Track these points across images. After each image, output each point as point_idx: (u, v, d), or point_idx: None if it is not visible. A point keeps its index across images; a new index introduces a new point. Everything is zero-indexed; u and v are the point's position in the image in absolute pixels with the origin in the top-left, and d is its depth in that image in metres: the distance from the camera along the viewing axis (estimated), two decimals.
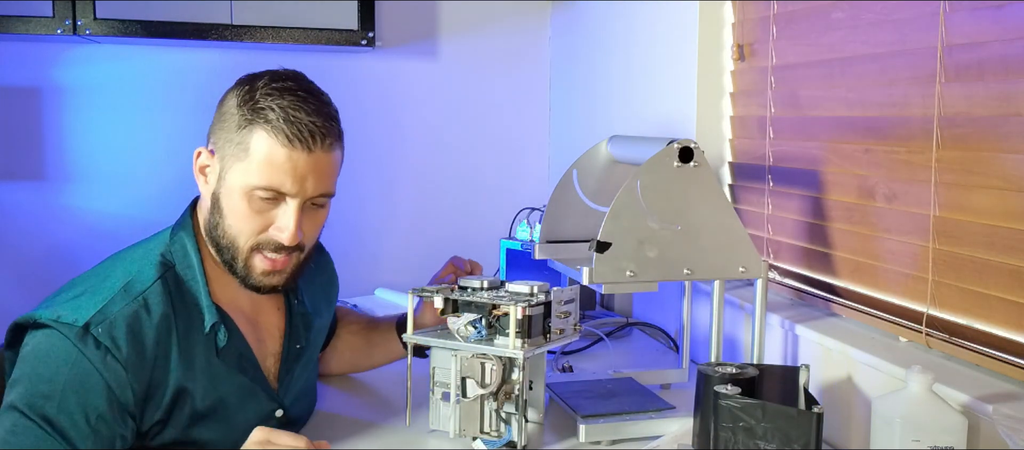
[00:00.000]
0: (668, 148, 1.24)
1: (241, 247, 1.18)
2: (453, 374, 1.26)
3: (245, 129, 1.14)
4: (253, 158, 1.14)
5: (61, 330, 1.09)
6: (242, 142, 1.14)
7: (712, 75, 1.79)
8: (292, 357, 1.31)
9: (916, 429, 1.05)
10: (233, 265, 1.19)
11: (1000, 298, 1.15)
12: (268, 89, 1.15)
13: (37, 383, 1.07)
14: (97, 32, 2.05)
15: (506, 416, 1.27)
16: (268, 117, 1.13)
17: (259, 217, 1.17)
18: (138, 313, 1.12)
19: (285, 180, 1.14)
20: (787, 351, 1.49)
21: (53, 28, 2.03)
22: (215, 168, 1.18)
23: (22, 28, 2.02)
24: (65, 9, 2.03)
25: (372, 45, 2.23)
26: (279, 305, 1.32)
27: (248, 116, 1.14)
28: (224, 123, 1.17)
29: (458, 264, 1.45)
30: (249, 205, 1.16)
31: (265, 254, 1.18)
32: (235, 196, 1.16)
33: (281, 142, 1.13)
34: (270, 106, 1.14)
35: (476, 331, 1.27)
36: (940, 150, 1.23)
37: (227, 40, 2.11)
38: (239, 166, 1.15)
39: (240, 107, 1.15)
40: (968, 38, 1.19)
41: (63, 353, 1.08)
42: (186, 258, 1.20)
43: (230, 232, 1.17)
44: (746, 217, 1.71)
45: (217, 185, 1.17)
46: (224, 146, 1.16)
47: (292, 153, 1.14)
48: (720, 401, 1.08)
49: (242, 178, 1.15)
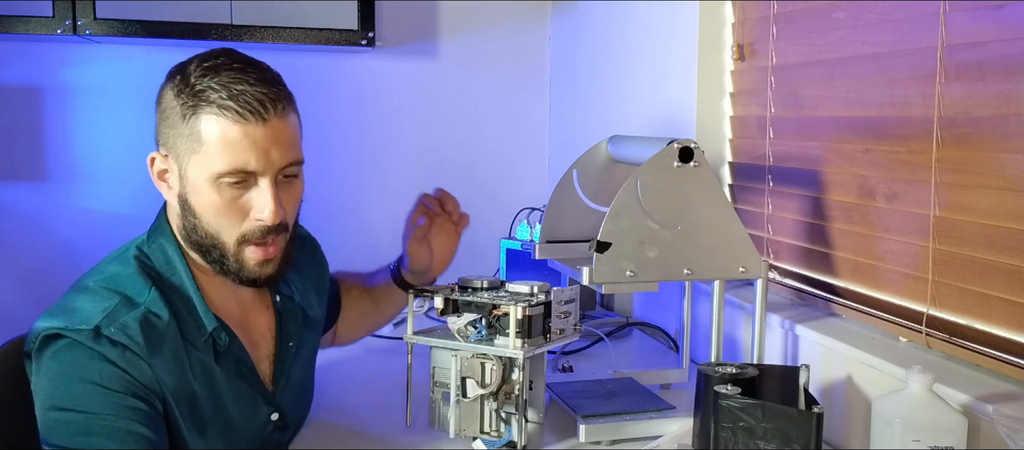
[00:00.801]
0: (668, 148, 1.24)
1: (227, 243, 1.12)
2: (453, 374, 1.26)
3: (191, 118, 1.07)
4: (208, 145, 1.07)
5: (73, 336, 1.05)
6: (191, 133, 1.07)
7: (712, 75, 1.79)
8: (286, 357, 1.26)
9: (916, 429, 1.05)
10: (224, 263, 1.13)
11: (1000, 298, 1.15)
12: (201, 70, 1.08)
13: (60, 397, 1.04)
14: (97, 32, 2.05)
15: (506, 416, 1.27)
16: (210, 98, 1.06)
17: (234, 206, 1.10)
18: (148, 317, 1.09)
19: (248, 158, 1.08)
20: (787, 351, 1.49)
21: (53, 28, 2.03)
22: (173, 169, 1.11)
23: (22, 28, 2.03)
24: (65, 9, 2.03)
25: (372, 45, 2.23)
26: (267, 304, 1.27)
27: (190, 103, 1.07)
28: (167, 119, 1.10)
29: (426, 204, 1.43)
30: (220, 196, 1.09)
31: (255, 244, 1.13)
32: (203, 191, 1.09)
33: (232, 120, 1.06)
34: (209, 86, 1.07)
35: (476, 331, 1.27)
36: (940, 150, 1.23)
37: (227, 40, 2.11)
38: (196, 158, 1.08)
39: (178, 97, 1.08)
40: (968, 38, 1.19)
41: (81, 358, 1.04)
42: (170, 266, 1.15)
43: (210, 230, 1.11)
44: (746, 217, 1.71)
45: (181, 186, 1.11)
46: (175, 143, 1.10)
47: (247, 128, 1.07)
48: (720, 401, 1.08)
49: (204, 169, 1.08)
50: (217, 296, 1.19)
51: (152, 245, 1.16)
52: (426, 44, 2.50)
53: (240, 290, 1.22)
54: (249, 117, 1.07)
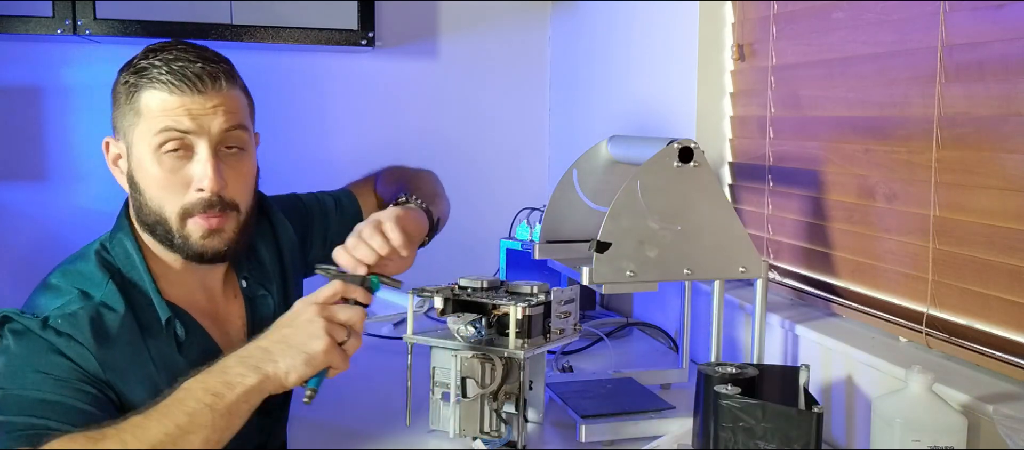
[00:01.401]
0: (668, 148, 1.24)
1: (169, 216, 1.14)
2: (453, 374, 1.26)
3: (134, 96, 1.12)
4: (146, 115, 1.11)
5: (23, 322, 1.08)
6: (133, 107, 1.12)
7: (712, 75, 1.79)
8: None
9: (916, 429, 1.05)
10: (170, 238, 1.15)
11: (1000, 298, 1.15)
12: (145, 53, 1.14)
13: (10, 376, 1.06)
14: (97, 32, 2.05)
15: (506, 416, 1.27)
16: (151, 74, 1.11)
17: (174, 177, 1.12)
18: (100, 312, 1.11)
19: (182, 119, 1.11)
20: (787, 351, 1.49)
21: (53, 28, 2.03)
22: (123, 150, 1.16)
23: (22, 28, 2.03)
24: (65, 9, 2.03)
25: (372, 45, 2.23)
26: (236, 293, 1.28)
27: (133, 82, 1.12)
28: (117, 105, 1.15)
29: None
30: (161, 166, 1.12)
31: (197, 217, 1.14)
32: (146, 164, 1.12)
33: (169, 90, 1.10)
34: (151, 63, 1.11)
35: (476, 331, 1.27)
36: (940, 150, 1.23)
37: (227, 40, 2.11)
38: (137, 131, 1.12)
39: (125, 82, 1.13)
40: (968, 38, 1.19)
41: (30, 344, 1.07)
42: (128, 259, 1.17)
43: (153, 204, 1.14)
44: (746, 217, 1.71)
45: (127, 165, 1.15)
46: (120, 123, 1.15)
47: (183, 98, 1.11)
48: (720, 401, 1.08)
49: (144, 141, 1.12)
50: (181, 286, 1.20)
51: (113, 240, 1.19)
52: (426, 44, 2.50)
53: (207, 278, 1.23)
54: (186, 88, 1.10)
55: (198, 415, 1.00)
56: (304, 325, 1.08)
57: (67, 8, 2.03)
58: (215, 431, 1.01)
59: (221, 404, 1.01)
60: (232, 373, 1.04)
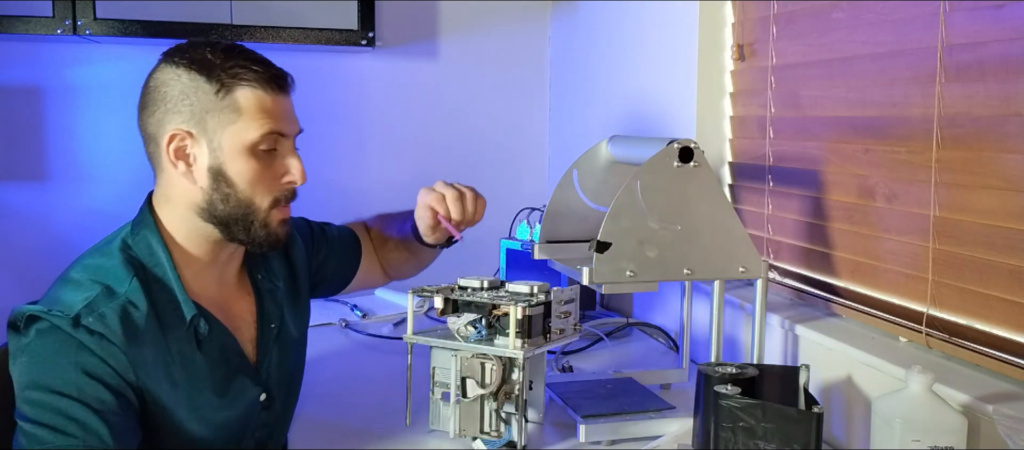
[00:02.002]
0: (668, 148, 1.24)
1: (260, 207, 1.20)
2: (453, 374, 1.26)
3: (226, 94, 1.17)
4: (247, 113, 1.17)
5: (52, 320, 1.09)
6: (228, 105, 1.17)
7: (712, 75, 1.79)
8: (268, 338, 1.29)
9: (916, 429, 1.05)
10: (250, 230, 1.21)
11: (1000, 298, 1.15)
12: (219, 54, 1.18)
13: (38, 375, 1.07)
14: (97, 32, 2.05)
15: (506, 416, 1.27)
16: (245, 76, 1.17)
17: (268, 172, 1.20)
18: (126, 308, 1.12)
19: (280, 122, 1.20)
20: (787, 351, 1.49)
21: (53, 28, 2.03)
22: (201, 145, 1.17)
23: (22, 28, 2.02)
24: (65, 9, 2.03)
25: (372, 45, 2.23)
26: (248, 290, 1.31)
27: (224, 80, 1.17)
28: (187, 99, 1.17)
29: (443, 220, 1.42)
30: (258, 161, 1.19)
31: (281, 207, 1.23)
32: (241, 159, 1.18)
33: (266, 90, 1.18)
34: (238, 64, 1.17)
35: (476, 331, 1.27)
36: (940, 150, 1.23)
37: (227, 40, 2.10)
38: (232, 129, 1.17)
39: (210, 79, 1.17)
40: (968, 38, 1.19)
41: (60, 342, 1.08)
42: (152, 255, 1.19)
43: (242, 196, 1.19)
44: (746, 217, 1.71)
45: (211, 159, 1.17)
46: (204, 119, 1.16)
47: (276, 98, 1.20)
48: (720, 401, 1.08)
49: (242, 137, 1.17)
50: (198, 284, 1.22)
51: (136, 237, 1.20)
52: (426, 44, 2.50)
53: (225, 273, 1.26)
54: (276, 88, 1.20)
55: None
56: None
57: (67, 8, 2.03)
58: None
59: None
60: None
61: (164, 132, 1.17)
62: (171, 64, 1.18)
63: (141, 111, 1.20)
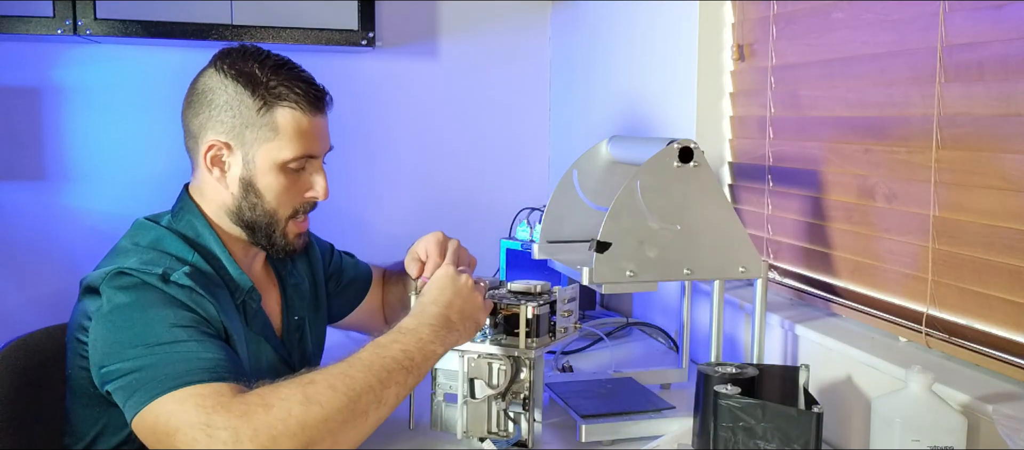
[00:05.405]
0: (668, 148, 1.24)
1: (281, 218, 1.26)
2: (460, 375, 1.26)
3: (266, 112, 1.21)
4: (284, 134, 1.22)
5: (141, 276, 1.12)
6: (267, 124, 1.21)
7: (712, 75, 1.79)
8: (293, 328, 1.37)
9: (916, 429, 1.05)
10: (271, 237, 1.27)
11: (1000, 298, 1.15)
12: (265, 69, 1.22)
13: (135, 332, 1.08)
14: (97, 32, 2.05)
15: (514, 416, 1.27)
16: (288, 97, 1.22)
17: (294, 187, 1.26)
18: (195, 274, 1.17)
19: (314, 145, 1.25)
20: (787, 351, 1.49)
21: (53, 28, 2.03)
22: (236, 156, 1.23)
23: (22, 28, 2.02)
24: (65, 9, 2.03)
25: (372, 45, 2.23)
26: (273, 282, 1.38)
27: (267, 99, 1.21)
28: (231, 110, 1.21)
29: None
30: (286, 178, 1.24)
31: (298, 219, 1.29)
32: (271, 174, 1.23)
33: (305, 112, 1.23)
34: (282, 83, 1.22)
35: (481, 332, 1.28)
36: (940, 150, 1.23)
37: (227, 40, 2.11)
38: (268, 146, 1.22)
39: (253, 95, 1.21)
40: (968, 38, 1.19)
41: (152, 296, 1.11)
42: (201, 237, 1.25)
43: (268, 207, 1.25)
44: (746, 217, 1.71)
45: (243, 170, 1.23)
46: (243, 133, 1.22)
47: (313, 119, 1.24)
48: (720, 401, 1.08)
49: (275, 155, 1.22)
50: (242, 265, 1.29)
51: (180, 222, 1.26)
52: (426, 44, 2.50)
53: (255, 263, 1.34)
54: (316, 111, 1.25)
55: (396, 373, 1.08)
56: (470, 296, 1.20)
57: (67, 8, 2.03)
58: (405, 388, 1.09)
59: (414, 366, 1.10)
60: (425, 340, 1.12)
61: (204, 137, 1.23)
62: (220, 71, 1.23)
63: (186, 108, 1.26)
